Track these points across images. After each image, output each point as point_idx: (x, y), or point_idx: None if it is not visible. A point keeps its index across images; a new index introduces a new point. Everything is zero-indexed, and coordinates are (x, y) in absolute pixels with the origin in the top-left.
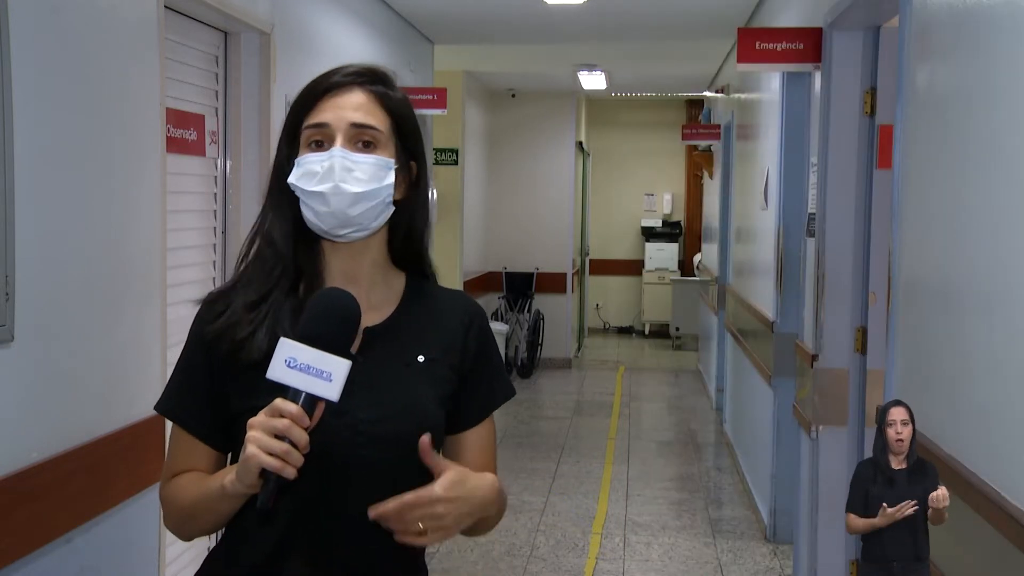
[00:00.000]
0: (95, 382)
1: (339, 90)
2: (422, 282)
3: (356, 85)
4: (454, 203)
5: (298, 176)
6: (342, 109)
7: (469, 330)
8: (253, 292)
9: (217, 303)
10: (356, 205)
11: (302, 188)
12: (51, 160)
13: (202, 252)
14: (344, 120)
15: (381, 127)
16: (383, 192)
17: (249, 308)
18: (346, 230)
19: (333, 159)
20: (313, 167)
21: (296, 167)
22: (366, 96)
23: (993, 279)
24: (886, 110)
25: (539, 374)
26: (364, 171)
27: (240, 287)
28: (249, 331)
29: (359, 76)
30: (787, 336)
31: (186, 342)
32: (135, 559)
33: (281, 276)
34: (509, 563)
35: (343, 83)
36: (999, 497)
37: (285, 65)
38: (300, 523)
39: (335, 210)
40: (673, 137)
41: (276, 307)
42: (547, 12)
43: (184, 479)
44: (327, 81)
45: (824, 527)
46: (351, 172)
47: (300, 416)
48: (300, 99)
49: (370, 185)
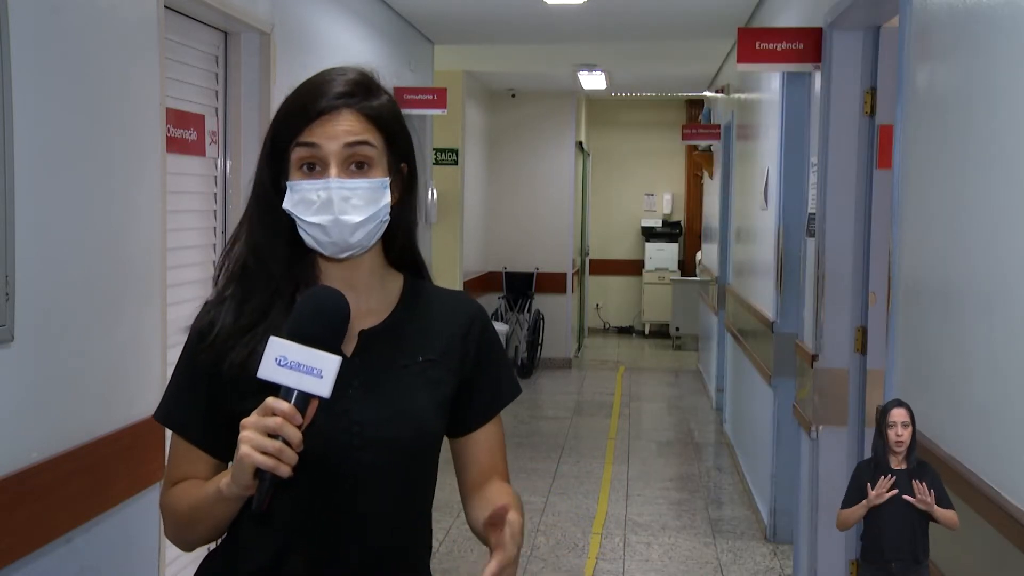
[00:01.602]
0: (95, 382)
1: (330, 113)
2: (420, 283)
3: (346, 107)
4: (454, 203)
5: (294, 203)
6: (334, 133)
7: (469, 331)
8: (246, 315)
9: (208, 326)
10: (357, 232)
11: (300, 217)
12: (51, 160)
13: (202, 252)
14: (337, 141)
15: (374, 142)
16: (381, 213)
17: (245, 331)
18: (347, 253)
19: (330, 190)
20: (309, 195)
21: (290, 191)
22: (356, 117)
23: (993, 279)
24: (886, 110)
25: (539, 374)
26: (361, 196)
27: (232, 306)
28: (248, 351)
29: (349, 97)
30: (787, 336)
31: (181, 360)
32: (135, 559)
33: (275, 293)
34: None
35: (333, 107)
36: (999, 497)
37: (285, 65)
38: (299, 526)
39: (336, 239)
40: (673, 137)
41: (274, 326)
42: (547, 12)
43: (182, 486)
44: (317, 105)
45: (824, 527)
46: (349, 201)
47: (292, 414)
48: (286, 119)
49: (369, 211)
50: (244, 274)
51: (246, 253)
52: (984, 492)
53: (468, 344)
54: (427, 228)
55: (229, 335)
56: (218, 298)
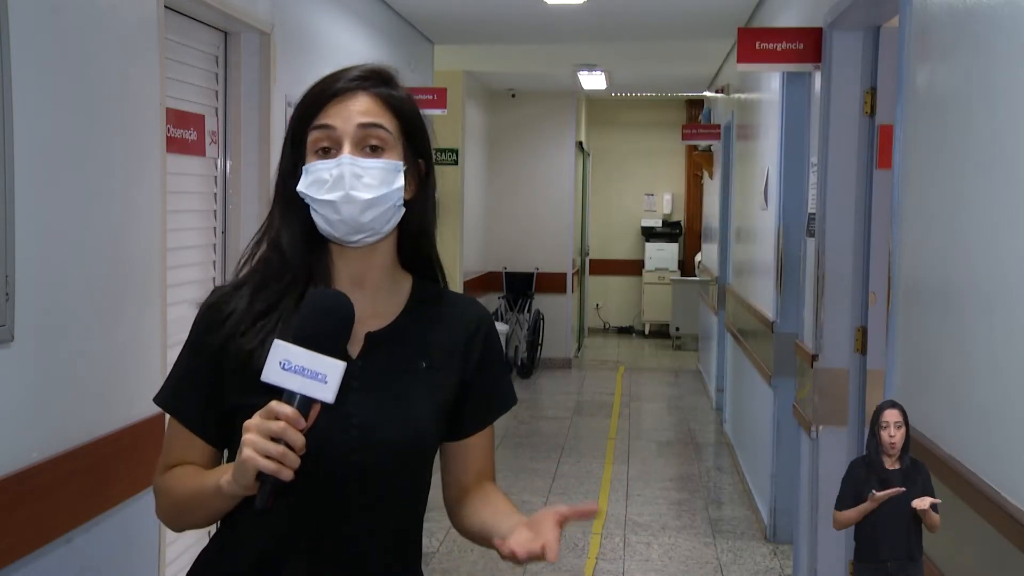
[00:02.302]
0: (95, 382)
1: (345, 95)
2: (429, 286)
3: (361, 90)
4: (454, 203)
5: (307, 184)
6: (348, 113)
7: (474, 338)
8: (262, 301)
9: (219, 307)
10: (368, 211)
11: (312, 196)
12: (51, 160)
13: (202, 252)
14: (351, 122)
15: (389, 127)
16: (393, 196)
17: (258, 317)
18: (359, 236)
19: (342, 167)
20: (322, 175)
21: (304, 174)
22: (372, 100)
23: (993, 279)
24: (886, 110)
25: (539, 374)
26: (374, 176)
27: (247, 292)
28: (259, 340)
29: (364, 80)
30: (787, 336)
31: (188, 342)
32: (135, 559)
33: (290, 284)
34: (509, 563)
35: (348, 88)
36: (999, 497)
37: (285, 65)
38: (297, 525)
39: (347, 217)
40: (673, 137)
41: (286, 314)
42: (547, 12)
43: (179, 472)
44: (332, 87)
45: (824, 527)
46: (360, 179)
47: (295, 418)
48: (305, 105)
49: (380, 190)
50: (265, 263)
51: (267, 244)
52: (984, 492)
53: (471, 350)
54: None
55: (241, 319)
56: (234, 283)
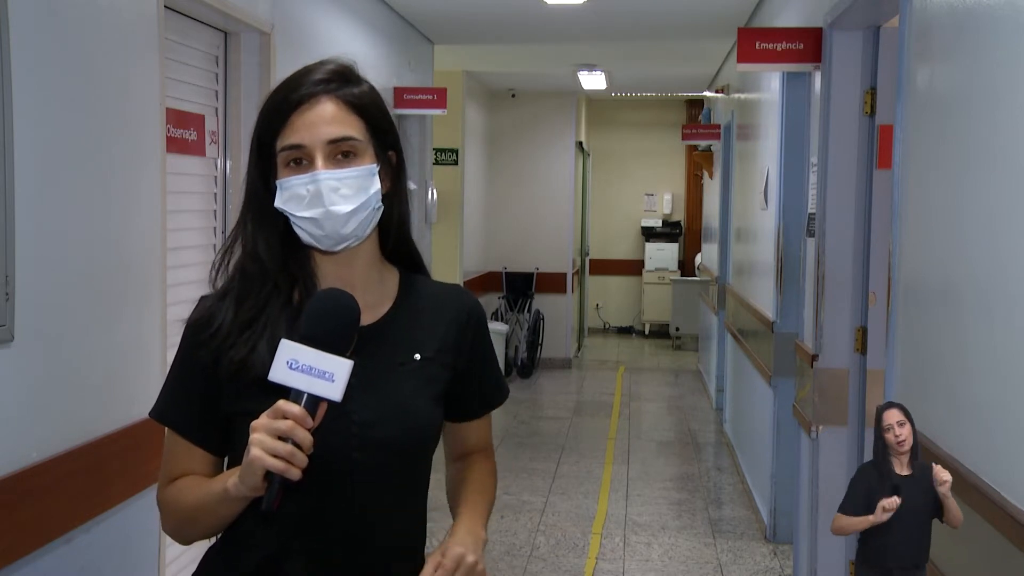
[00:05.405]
0: (95, 382)
1: (308, 103)
2: (415, 277)
3: (324, 95)
4: (454, 203)
5: (284, 200)
6: (315, 127)
7: (466, 326)
8: (246, 311)
9: (206, 323)
10: (350, 222)
11: (292, 213)
12: (51, 160)
13: (202, 252)
14: (320, 138)
15: (358, 135)
16: (372, 201)
17: (244, 327)
18: (343, 244)
19: (318, 182)
20: (298, 190)
21: (280, 190)
22: (336, 105)
23: (993, 279)
24: (886, 110)
25: (539, 374)
26: (350, 186)
27: (229, 304)
28: (248, 348)
29: (327, 83)
30: (787, 336)
31: (178, 358)
32: (135, 559)
33: (272, 292)
34: (509, 563)
35: (312, 94)
36: (999, 497)
37: (285, 65)
38: (300, 525)
39: (330, 232)
40: (673, 137)
41: (272, 320)
42: (547, 12)
43: (183, 483)
44: (295, 94)
45: (824, 527)
46: (338, 191)
47: (303, 417)
48: (268, 115)
49: (359, 198)
50: (241, 273)
51: (242, 252)
52: (984, 492)
53: (463, 339)
54: (427, 228)
55: (229, 332)
56: (217, 293)
